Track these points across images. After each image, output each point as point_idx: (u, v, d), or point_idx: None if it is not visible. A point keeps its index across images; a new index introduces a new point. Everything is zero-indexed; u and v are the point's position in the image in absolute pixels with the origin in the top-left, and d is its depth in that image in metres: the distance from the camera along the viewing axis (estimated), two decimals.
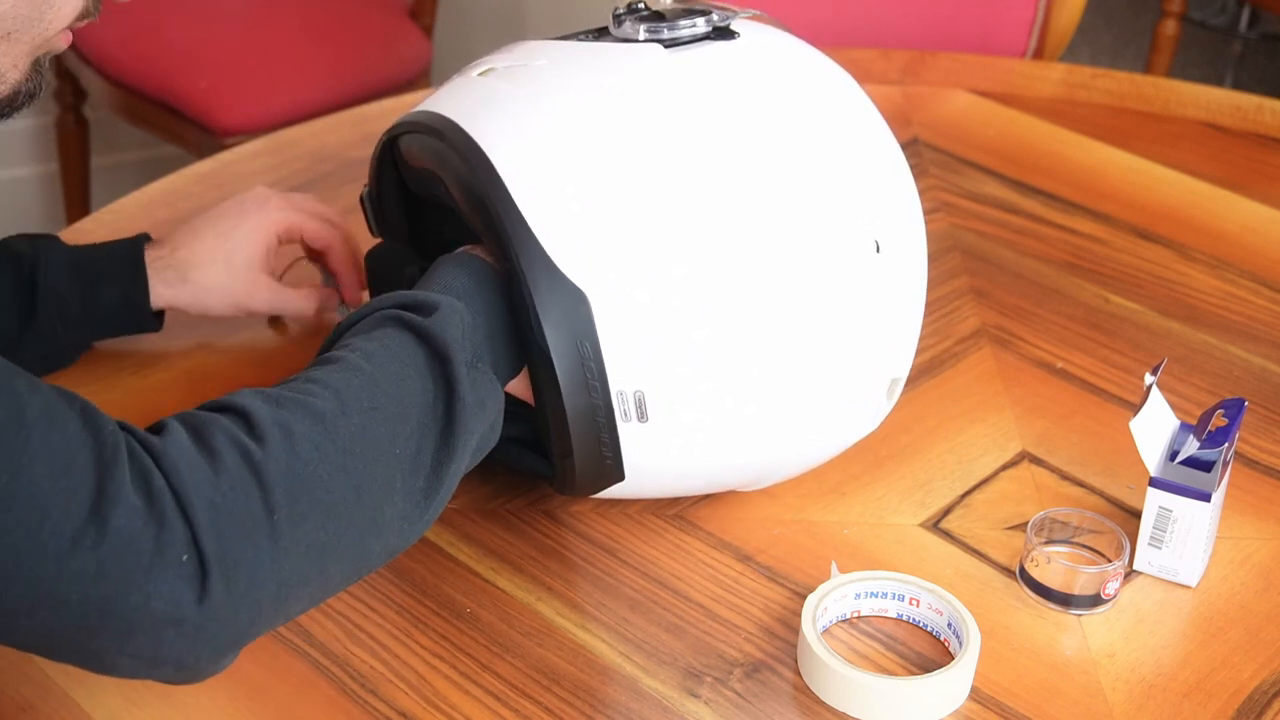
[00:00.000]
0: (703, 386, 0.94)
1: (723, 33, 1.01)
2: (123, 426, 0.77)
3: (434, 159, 0.98)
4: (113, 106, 2.40)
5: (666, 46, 0.99)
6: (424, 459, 0.85)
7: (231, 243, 1.13)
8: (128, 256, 1.12)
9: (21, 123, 2.81)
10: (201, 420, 0.79)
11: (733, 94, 0.98)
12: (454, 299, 0.90)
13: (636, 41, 1.00)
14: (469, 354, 0.88)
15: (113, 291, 1.11)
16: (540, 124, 0.95)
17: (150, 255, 1.12)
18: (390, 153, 1.06)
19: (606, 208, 0.93)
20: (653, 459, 0.96)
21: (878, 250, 0.98)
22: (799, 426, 0.99)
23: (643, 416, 0.93)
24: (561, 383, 0.92)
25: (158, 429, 0.79)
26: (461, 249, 0.98)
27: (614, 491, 0.99)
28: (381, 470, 0.82)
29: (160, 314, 1.15)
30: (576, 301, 0.91)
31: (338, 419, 0.82)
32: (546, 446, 0.97)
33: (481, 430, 0.89)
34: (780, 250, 0.95)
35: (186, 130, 2.30)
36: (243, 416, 0.80)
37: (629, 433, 0.94)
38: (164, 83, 2.29)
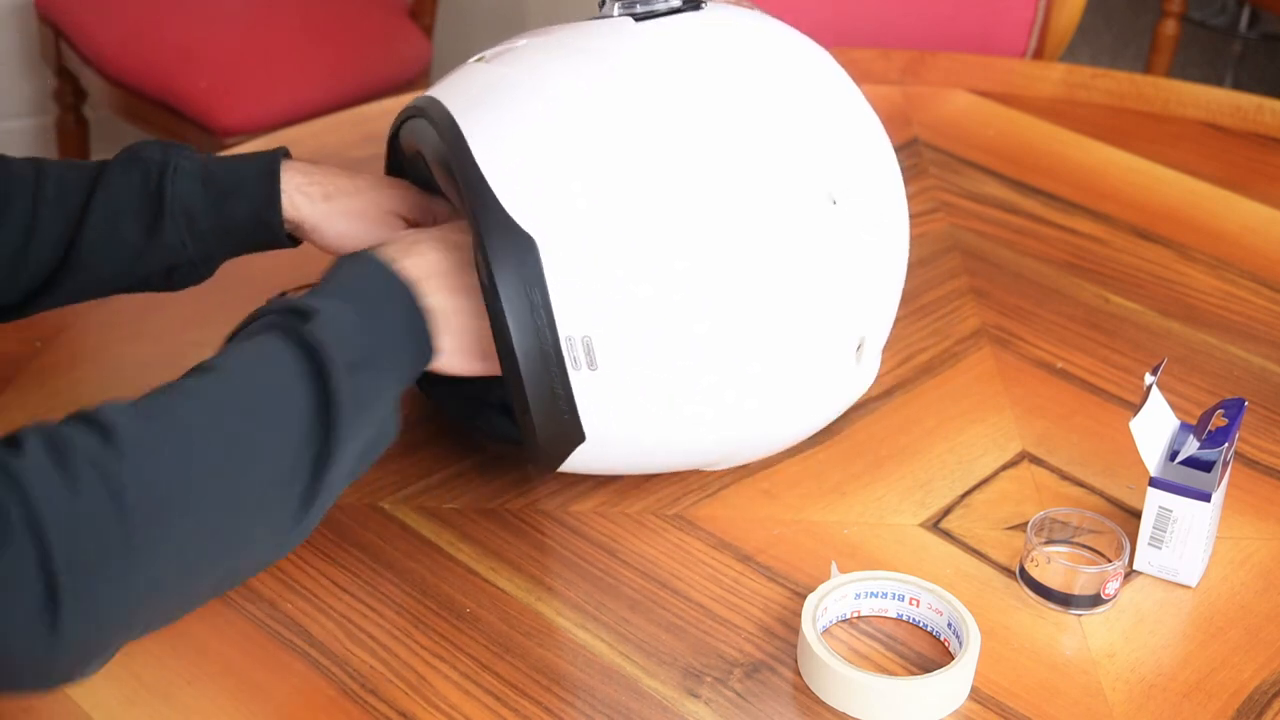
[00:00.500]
0: (649, 334, 0.95)
1: (692, 5, 1.04)
2: None
3: (418, 138, 1.02)
4: (113, 106, 2.40)
5: (637, 19, 1.02)
6: (302, 467, 0.83)
7: (381, 188, 1.09)
8: (264, 171, 1.06)
9: (21, 123, 2.81)
10: (61, 436, 0.76)
11: (692, 57, 1.01)
12: (340, 302, 0.90)
13: (612, 18, 1.03)
14: (353, 355, 0.87)
15: (244, 206, 1.05)
16: (506, 89, 0.99)
17: (292, 169, 1.07)
18: (395, 149, 1.09)
19: (558, 158, 0.95)
20: (610, 415, 0.96)
21: (834, 203, 0.99)
22: (759, 386, 0.99)
23: (592, 364, 0.94)
24: (512, 329, 0.93)
25: (14, 442, 0.76)
26: (365, 249, 0.98)
27: (584, 463, 0.99)
28: (255, 481, 0.81)
29: (296, 240, 1.09)
30: (526, 247, 0.93)
31: (207, 431, 0.80)
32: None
33: (366, 435, 0.88)
34: (728, 199, 0.96)
35: (186, 130, 2.30)
36: (106, 431, 0.77)
37: (581, 381, 0.94)
38: (164, 83, 2.29)
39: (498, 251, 0.92)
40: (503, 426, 1.03)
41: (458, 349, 0.97)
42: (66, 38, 2.44)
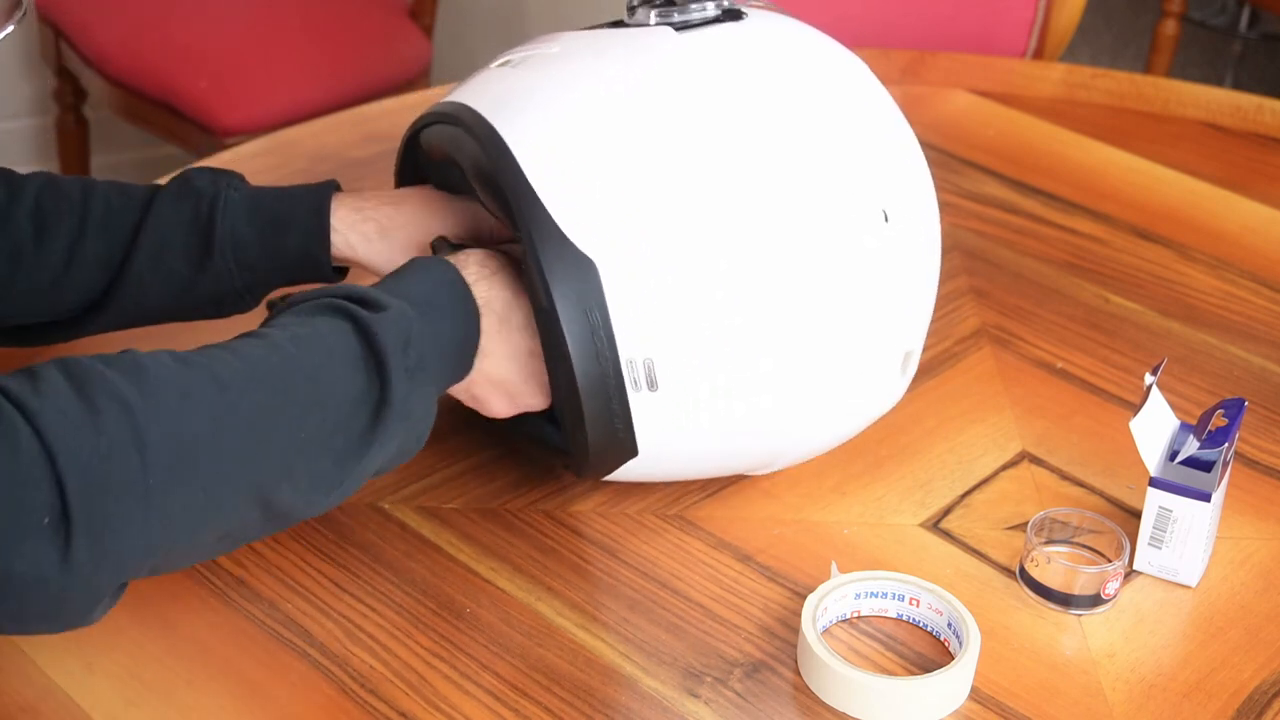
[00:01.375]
0: (711, 354, 0.94)
1: (731, 15, 1.02)
2: None
3: (450, 145, 1.00)
4: (113, 106, 2.40)
5: (677, 29, 1.00)
6: (333, 449, 0.84)
7: (430, 214, 1.07)
8: (313, 206, 1.05)
9: (21, 123, 2.82)
10: (85, 367, 0.77)
11: (740, 69, 0.99)
12: (408, 305, 0.89)
13: (648, 26, 1.02)
14: (411, 361, 0.87)
15: (294, 243, 1.04)
16: (549, 100, 0.97)
17: (345, 205, 1.06)
18: (412, 151, 1.07)
19: (613, 177, 0.93)
20: (665, 432, 0.96)
21: (886, 220, 0.99)
22: (812, 400, 0.99)
23: (653, 385, 0.94)
24: (571, 350, 0.92)
25: (33, 375, 0.76)
26: (443, 254, 0.98)
27: (628, 473, 0.99)
28: (281, 449, 0.81)
29: (343, 269, 1.08)
30: (585, 269, 0.92)
31: (243, 390, 0.80)
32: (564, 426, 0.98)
33: (403, 438, 0.88)
34: (788, 218, 0.95)
35: (186, 130, 2.30)
36: (136, 371, 0.78)
37: (640, 402, 0.94)
38: (164, 83, 2.29)
39: (557, 274, 0.92)
40: (549, 435, 1.03)
41: (489, 380, 0.97)
42: (66, 38, 2.44)
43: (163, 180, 1.07)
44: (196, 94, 2.26)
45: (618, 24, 1.05)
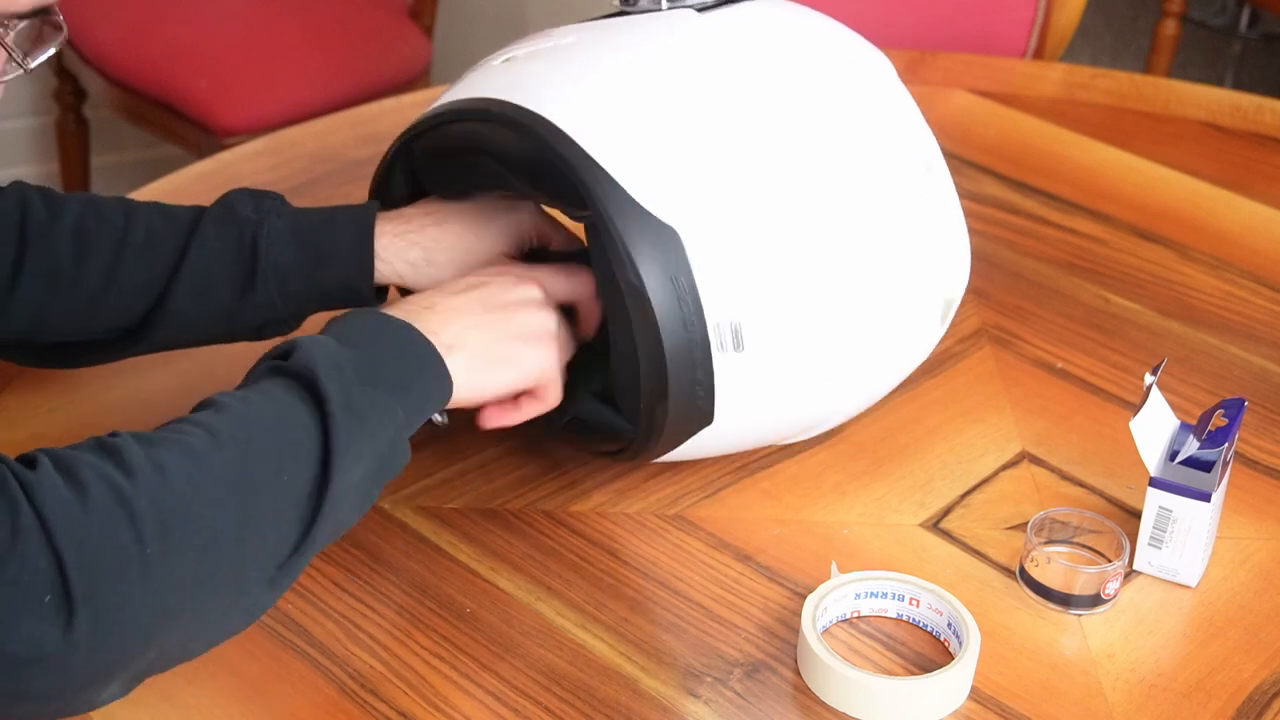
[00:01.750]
0: (793, 308, 0.97)
1: None
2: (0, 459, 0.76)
3: (481, 142, 0.99)
4: (113, 106, 2.40)
5: (699, 11, 1.02)
6: (304, 480, 0.83)
7: (475, 232, 1.06)
8: (356, 235, 1.04)
9: (21, 123, 2.81)
10: (69, 457, 0.78)
11: (774, 41, 1.02)
12: (320, 336, 0.89)
13: (661, 10, 1.03)
14: (344, 374, 0.86)
15: (338, 272, 1.04)
16: (594, 82, 0.98)
17: (390, 228, 1.05)
18: (404, 158, 1.06)
19: (682, 145, 0.95)
20: (741, 395, 0.98)
21: (929, 171, 1.04)
22: (872, 350, 1.02)
23: (738, 345, 0.95)
24: (660, 320, 0.93)
25: (29, 463, 0.77)
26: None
27: (688, 449, 1.00)
28: (265, 498, 0.81)
29: (384, 289, 1.07)
30: (667, 238, 0.93)
31: (211, 452, 0.80)
32: (623, 405, 0.98)
33: (370, 449, 0.86)
34: (849, 168, 0.99)
35: (186, 130, 2.30)
36: (111, 453, 0.78)
37: (723, 364, 0.96)
38: (164, 83, 2.29)
39: (641, 247, 0.93)
40: (606, 417, 1.01)
41: (473, 367, 0.95)
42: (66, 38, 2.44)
43: (202, 201, 1.06)
44: (196, 94, 2.26)
45: (620, 14, 1.05)
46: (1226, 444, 1.01)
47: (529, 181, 0.98)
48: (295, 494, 0.82)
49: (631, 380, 0.96)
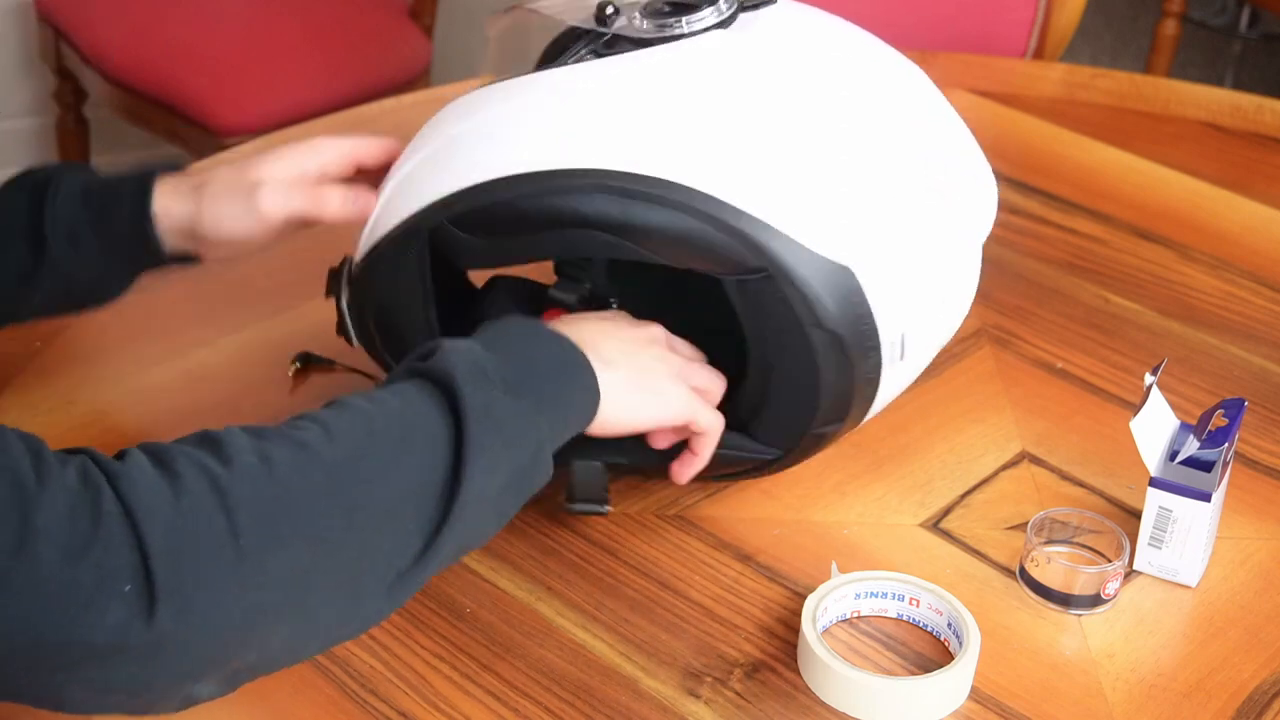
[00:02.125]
0: (937, 311, 1.03)
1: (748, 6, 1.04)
2: (85, 452, 0.74)
3: (555, 216, 0.94)
4: (113, 106, 2.40)
5: (724, 28, 1.01)
6: (430, 485, 0.79)
7: (255, 162, 1.02)
8: (138, 185, 1.01)
9: (21, 123, 2.81)
10: (165, 448, 0.75)
11: (826, 46, 1.05)
12: (464, 341, 0.86)
13: (693, 35, 0.99)
14: (485, 379, 0.83)
15: (120, 219, 1.00)
16: (697, 135, 0.95)
17: (167, 175, 1.02)
18: (416, 250, 0.99)
19: (827, 183, 0.96)
20: (889, 393, 1.03)
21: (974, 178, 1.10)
22: (950, 331, 1.08)
23: (903, 355, 1.00)
24: (849, 355, 0.96)
25: (120, 455, 0.75)
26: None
27: None
28: (381, 498, 0.78)
29: (183, 257, 1.03)
30: (844, 277, 0.94)
31: (323, 447, 0.77)
32: (765, 432, 1.00)
33: (507, 459, 0.82)
34: (937, 170, 1.04)
35: (186, 130, 2.30)
36: (212, 444, 0.76)
37: (889, 375, 0.99)
38: (164, 83, 2.29)
39: (821, 292, 0.94)
40: (738, 443, 1.00)
41: (623, 390, 0.92)
42: (66, 38, 2.44)
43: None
44: (196, 94, 2.26)
45: (593, 41, 1.00)
46: (1226, 444, 1.01)
47: (669, 252, 0.94)
48: (418, 498, 0.79)
49: (791, 411, 0.99)
